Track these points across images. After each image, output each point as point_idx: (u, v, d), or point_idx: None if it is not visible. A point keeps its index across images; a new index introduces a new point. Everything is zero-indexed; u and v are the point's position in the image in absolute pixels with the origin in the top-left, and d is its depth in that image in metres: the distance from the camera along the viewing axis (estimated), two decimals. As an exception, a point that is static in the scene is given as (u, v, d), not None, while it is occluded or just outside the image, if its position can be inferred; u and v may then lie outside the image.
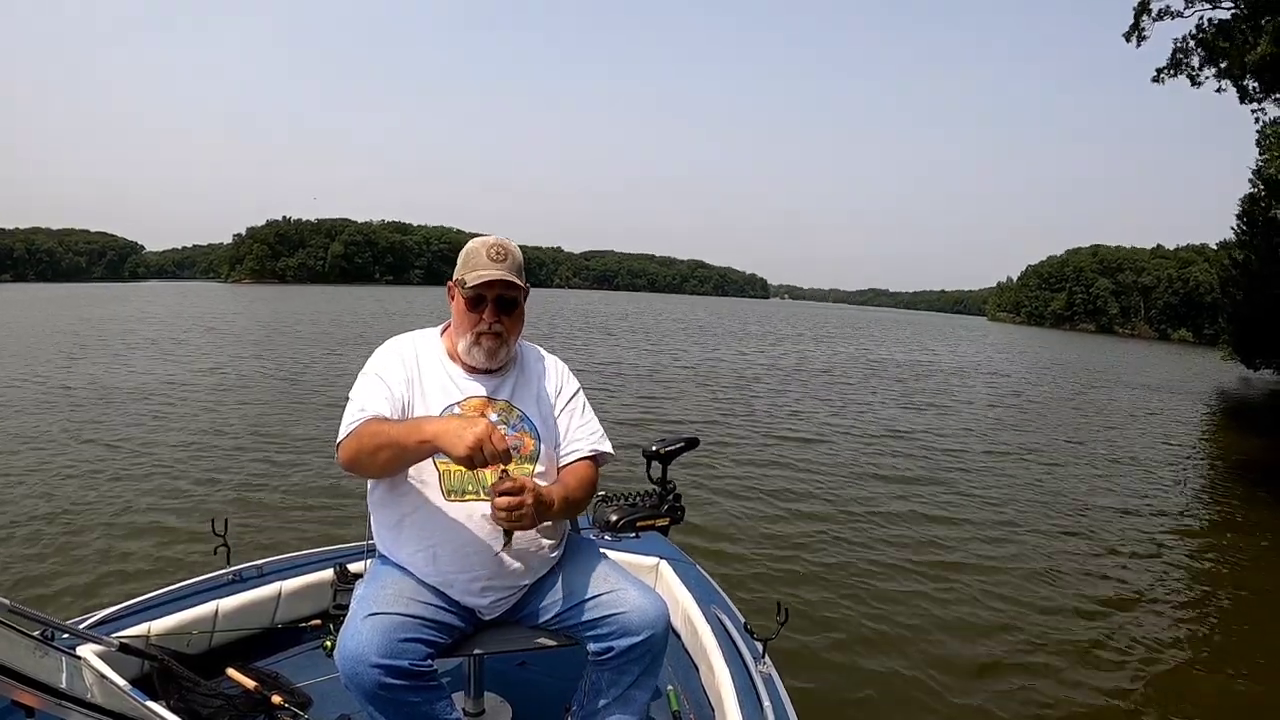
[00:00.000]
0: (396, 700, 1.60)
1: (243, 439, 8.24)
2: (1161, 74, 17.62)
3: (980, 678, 3.90)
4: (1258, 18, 13.36)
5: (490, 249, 1.85)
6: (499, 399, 1.91)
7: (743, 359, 22.26)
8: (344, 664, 1.58)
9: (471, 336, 1.86)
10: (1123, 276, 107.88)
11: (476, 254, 1.86)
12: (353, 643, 1.59)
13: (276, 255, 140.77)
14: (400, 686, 1.60)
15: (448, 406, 1.85)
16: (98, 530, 5.23)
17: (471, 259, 1.87)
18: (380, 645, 1.59)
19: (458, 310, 1.89)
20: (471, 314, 1.86)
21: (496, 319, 1.86)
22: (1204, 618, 5.11)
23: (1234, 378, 27.64)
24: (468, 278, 1.84)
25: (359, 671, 1.57)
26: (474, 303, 1.85)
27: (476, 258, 1.86)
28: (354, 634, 1.60)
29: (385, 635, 1.61)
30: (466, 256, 1.88)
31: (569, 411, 2.00)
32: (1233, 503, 8.48)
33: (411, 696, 1.62)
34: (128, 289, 79.55)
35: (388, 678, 1.58)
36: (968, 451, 9.90)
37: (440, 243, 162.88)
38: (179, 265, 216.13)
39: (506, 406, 1.90)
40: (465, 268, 1.87)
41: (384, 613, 1.65)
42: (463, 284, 1.85)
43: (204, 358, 16.18)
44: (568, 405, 2.00)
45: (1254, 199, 17.97)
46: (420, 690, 1.64)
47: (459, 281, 1.87)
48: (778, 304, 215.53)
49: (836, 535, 5.96)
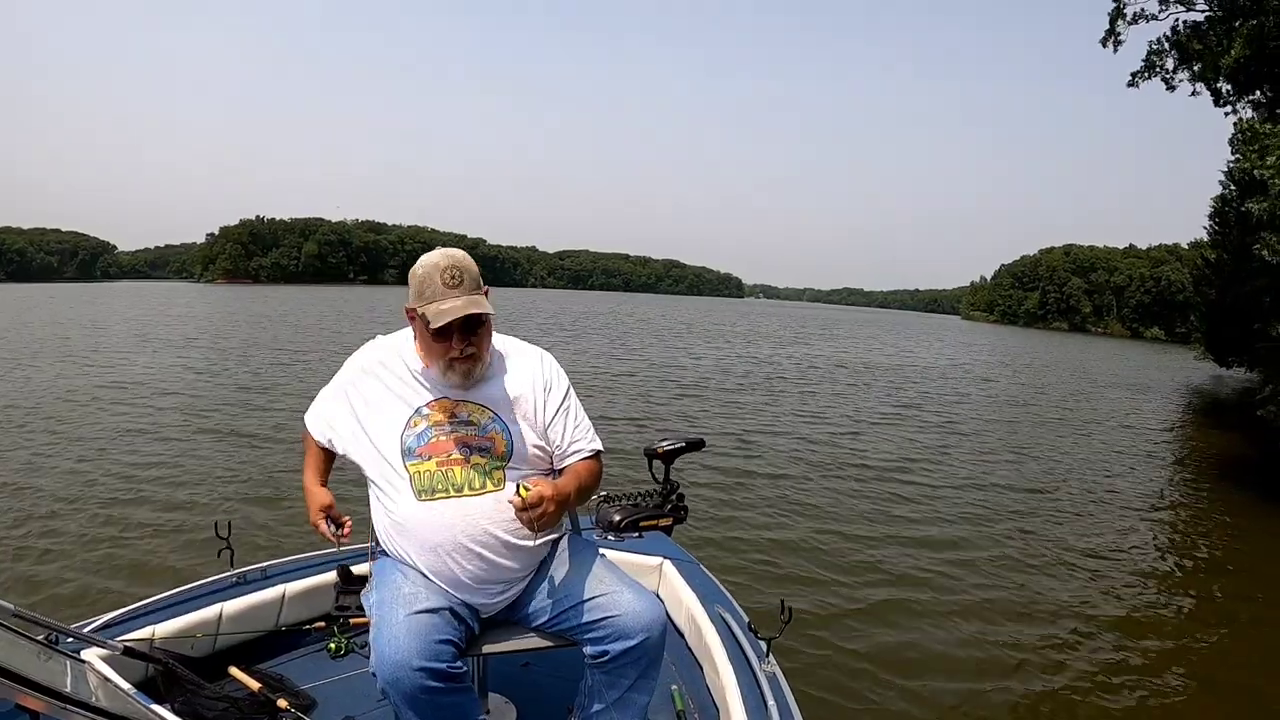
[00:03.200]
0: (435, 703, 1.59)
1: (243, 441, 8.25)
2: (1137, 77, 17.84)
3: (984, 677, 3.92)
4: (1232, 21, 13.57)
5: (444, 274, 1.77)
6: (469, 401, 1.88)
7: (738, 358, 22.36)
8: (384, 669, 1.56)
9: (443, 363, 1.83)
10: (1095, 276, 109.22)
11: (430, 282, 1.77)
12: (391, 646, 1.57)
13: (250, 255, 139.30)
14: (439, 689, 1.58)
15: (417, 409, 1.85)
16: (101, 534, 5.23)
17: (427, 288, 1.78)
18: (420, 647, 1.58)
19: (422, 338, 1.84)
20: (439, 344, 1.80)
21: (466, 342, 1.81)
22: (1189, 611, 5.19)
23: (1207, 375, 28.14)
24: (428, 314, 1.75)
25: (401, 676, 1.55)
26: (440, 334, 1.78)
27: (431, 286, 1.77)
28: (391, 637, 1.59)
29: (422, 636, 1.60)
30: (421, 285, 1.79)
31: (564, 413, 1.97)
32: (1209, 497, 8.72)
33: (449, 698, 1.61)
34: (100, 289, 78.32)
35: (430, 680, 1.57)
36: (969, 453, 9.99)
37: (415, 242, 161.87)
38: (152, 265, 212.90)
39: (477, 408, 1.88)
40: (421, 299, 1.78)
41: (420, 611, 1.65)
42: (424, 319, 1.77)
43: (203, 358, 16.20)
44: (561, 406, 1.97)
45: (1226, 199, 18.31)
46: (456, 691, 1.63)
47: (420, 316, 1.79)
48: (754, 303, 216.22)
49: (841, 534, 6.00)
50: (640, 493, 3.13)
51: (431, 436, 1.82)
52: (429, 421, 1.84)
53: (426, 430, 1.83)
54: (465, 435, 1.83)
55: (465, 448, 1.82)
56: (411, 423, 1.84)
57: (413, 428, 1.83)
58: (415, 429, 1.83)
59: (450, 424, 1.84)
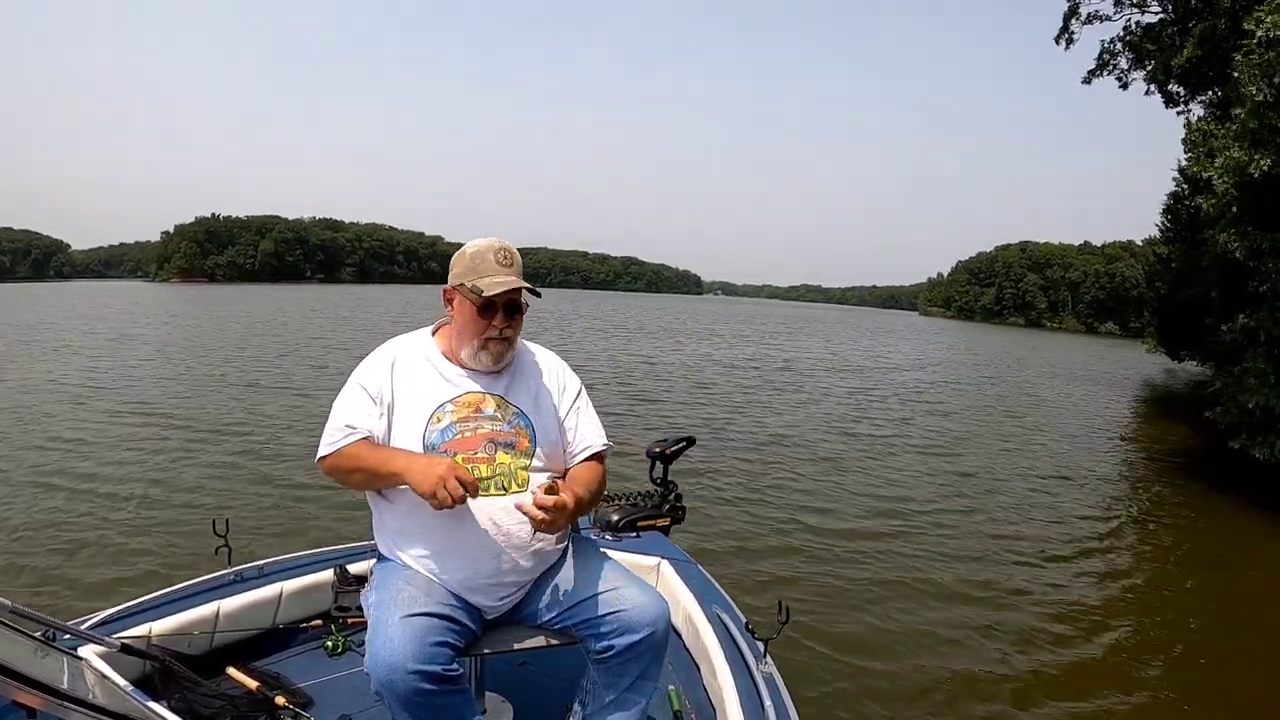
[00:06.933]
0: (430, 705, 1.58)
1: (243, 439, 8.21)
2: (1092, 75, 18.26)
3: (983, 677, 3.96)
4: (1184, 22, 13.93)
5: (498, 254, 1.84)
6: (494, 394, 1.89)
7: (726, 358, 22.45)
8: (378, 670, 1.55)
9: (479, 342, 1.85)
10: (1051, 272, 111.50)
11: (483, 259, 1.84)
12: (386, 648, 1.56)
13: (205, 253, 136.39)
14: (434, 691, 1.57)
15: (441, 404, 1.84)
16: (99, 531, 5.21)
17: (479, 264, 1.84)
18: (415, 650, 1.56)
19: (465, 315, 1.86)
20: (481, 319, 1.83)
21: (507, 324, 1.85)
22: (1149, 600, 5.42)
23: (1159, 369, 28.88)
24: (480, 284, 1.80)
25: (395, 679, 1.54)
26: (485, 309, 1.82)
27: (484, 263, 1.83)
28: (386, 639, 1.57)
29: (418, 639, 1.59)
30: (472, 261, 1.85)
31: (575, 410, 2.01)
32: (1161, 486, 9.07)
33: (443, 700, 1.60)
34: (55, 289, 76.42)
35: (424, 683, 1.56)
36: (967, 460, 10.02)
37: (372, 240, 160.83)
38: (105, 264, 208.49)
39: (502, 402, 1.89)
40: (473, 273, 1.83)
41: (417, 614, 1.63)
42: (475, 290, 1.80)
43: (202, 359, 16.04)
44: (574, 404, 2.01)
45: (1178, 196, 18.76)
46: (451, 694, 1.62)
47: (469, 288, 1.82)
48: (712, 300, 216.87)
49: (838, 535, 6.04)
50: (638, 493, 3.15)
51: (456, 432, 1.81)
52: (454, 417, 1.82)
53: (451, 426, 1.81)
54: (492, 431, 1.83)
55: (491, 444, 1.81)
56: (435, 418, 1.82)
57: (436, 423, 1.81)
58: (439, 425, 1.81)
59: (476, 419, 1.83)
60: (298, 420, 9.40)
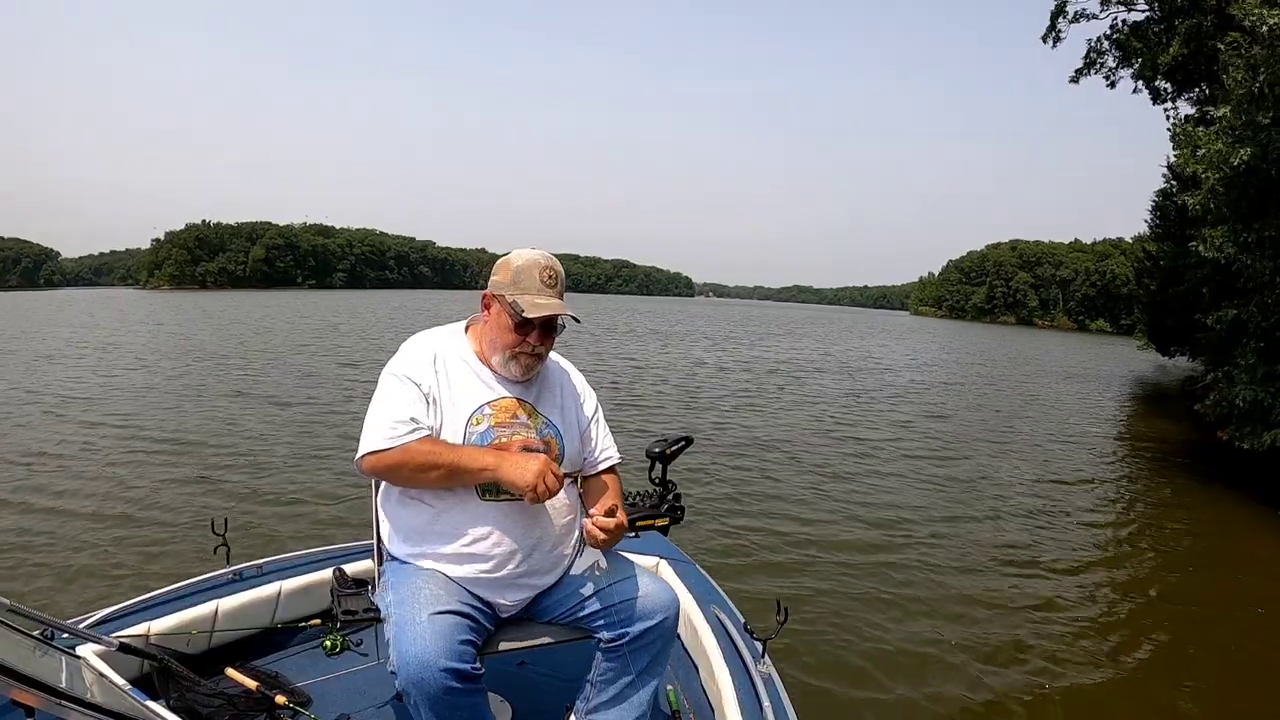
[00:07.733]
0: (455, 704, 1.57)
1: (243, 439, 8.24)
2: (1079, 74, 18.34)
3: (982, 676, 3.95)
4: (1170, 20, 14.01)
5: (543, 272, 1.83)
6: (527, 402, 1.91)
7: (725, 358, 22.53)
8: (408, 667, 1.53)
9: (509, 353, 1.85)
10: (1042, 270, 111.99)
11: (529, 274, 1.82)
12: (417, 645, 1.55)
13: (196, 260, 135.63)
14: (459, 690, 1.56)
15: (479, 406, 1.84)
16: (98, 530, 5.23)
17: (523, 279, 1.82)
18: (445, 647, 1.56)
19: (500, 325, 1.85)
20: (516, 334, 1.83)
21: (541, 342, 1.86)
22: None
23: (1151, 365, 29.04)
24: (522, 302, 1.79)
25: (425, 676, 1.53)
26: (522, 325, 1.82)
27: (529, 278, 1.82)
28: (416, 636, 1.57)
29: (447, 636, 1.58)
30: (517, 275, 1.83)
31: (595, 422, 2.05)
32: (1153, 480, 9.16)
33: (468, 699, 1.60)
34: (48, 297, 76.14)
35: (453, 681, 1.55)
36: (961, 456, 10.06)
37: (363, 245, 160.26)
38: (96, 272, 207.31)
39: (532, 411, 1.91)
40: (515, 288, 1.82)
41: (443, 611, 1.63)
42: (516, 308, 1.79)
43: (202, 359, 16.21)
44: (594, 417, 2.05)
45: (1167, 193, 18.88)
46: (474, 693, 1.62)
47: (509, 303, 1.81)
48: (704, 302, 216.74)
49: (837, 535, 6.03)
50: (637, 492, 3.14)
51: (494, 436, 1.81)
52: (492, 420, 1.83)
53: (490, 430, 1.82)
54: (525, 438, 1.84)
55: (526, 450, 1.81)
56: (474, 419, 1.82)
57: (475, 425, 1.81)
58: (478, 427, 1.81)
59: (512, 425, 1.85)
60: (299, 421, 9.45)
